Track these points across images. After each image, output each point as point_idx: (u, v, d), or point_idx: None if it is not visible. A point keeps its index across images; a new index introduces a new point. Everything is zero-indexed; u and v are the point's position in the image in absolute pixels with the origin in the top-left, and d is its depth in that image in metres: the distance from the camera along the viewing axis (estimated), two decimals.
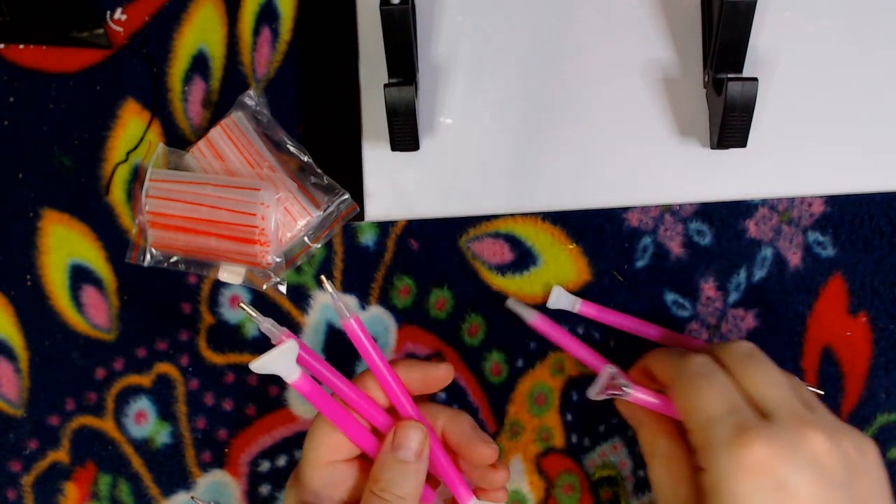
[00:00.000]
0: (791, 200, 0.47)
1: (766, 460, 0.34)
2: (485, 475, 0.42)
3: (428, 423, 0.42)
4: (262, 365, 0.37)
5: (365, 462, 0.42)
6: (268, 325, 0.39)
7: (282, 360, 0.37)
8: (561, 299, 0.47)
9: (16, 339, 0.51)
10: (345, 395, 0.40)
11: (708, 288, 0.47)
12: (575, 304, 0.47)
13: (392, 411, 0.41)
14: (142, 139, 0.50)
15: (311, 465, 0.40)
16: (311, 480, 0.40)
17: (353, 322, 0.40)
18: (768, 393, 0.38)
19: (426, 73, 0.49)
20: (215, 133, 0.48)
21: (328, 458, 0.40)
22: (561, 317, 0.48)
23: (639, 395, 0.40)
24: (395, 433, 0.40)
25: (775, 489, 0.34)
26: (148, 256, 0.48)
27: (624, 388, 0.40)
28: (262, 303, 0.49)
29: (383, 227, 0.49)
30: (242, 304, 0.39)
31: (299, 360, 0.38)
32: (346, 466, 0.41)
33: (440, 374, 0.42)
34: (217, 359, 0.50)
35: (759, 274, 0.47)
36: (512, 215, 0.48)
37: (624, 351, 0.48)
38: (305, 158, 0.49)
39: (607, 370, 0.40)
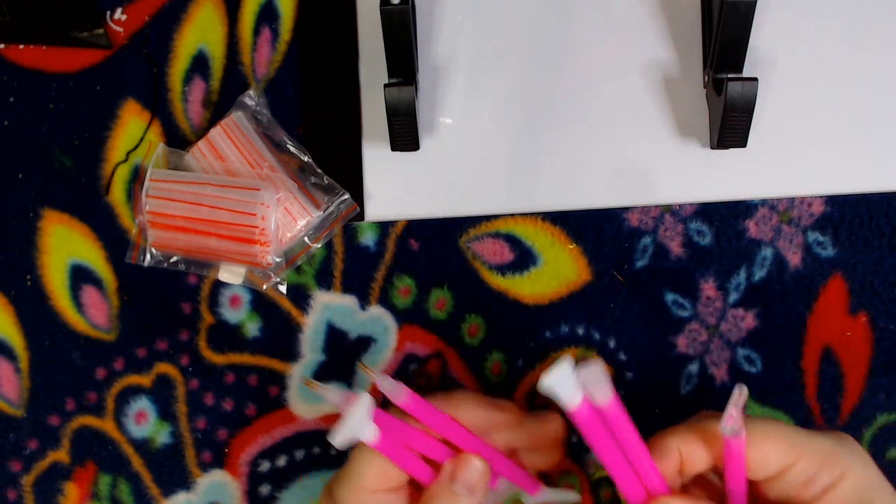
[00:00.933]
0: (791, 200, 0.47)
1: None
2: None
3: (491, 437, 0.40)
4: (343, 438, 0.35)
5: (412, 488, 0.41)
6: (332, 395, 0.37)
7: (360, 425, 0.36)
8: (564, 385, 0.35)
9: (16, 339, 0.51)
10: (402, 436, 0.39)
11: (708, 288, 0.47)
12: (575, 398, 0.35)
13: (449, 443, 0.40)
14: (142, 139, 0.50)
15: (352, 490, 0.39)
16: None
17: (406, 397, 0.38)
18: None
19: (426, 73, 0.49)
20: (215, 133, 0.48)
21: (372, 487, 0.39)
22: (563, 315, 0.48)
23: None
24: (456, 465, 0.39)
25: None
26: (148, 256, 0.48)
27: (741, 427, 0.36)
28: (262, 303, 0.49)
29: (383, 227, 0.49)
30: (308, 381, 0.37)
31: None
32: (389, 495, 0.40)
33: (505, 420, 0.41)
34: (217, 359, 0.50)
35: (759, 274, 0.47)
36: (512, 215, 0.48)
37: (626, 355, 0.48)
38: (305, 158, 0.49)
39: (739, 399, 0.35)
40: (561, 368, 0.34)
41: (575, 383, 0.34)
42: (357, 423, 0.36)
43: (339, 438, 0.35)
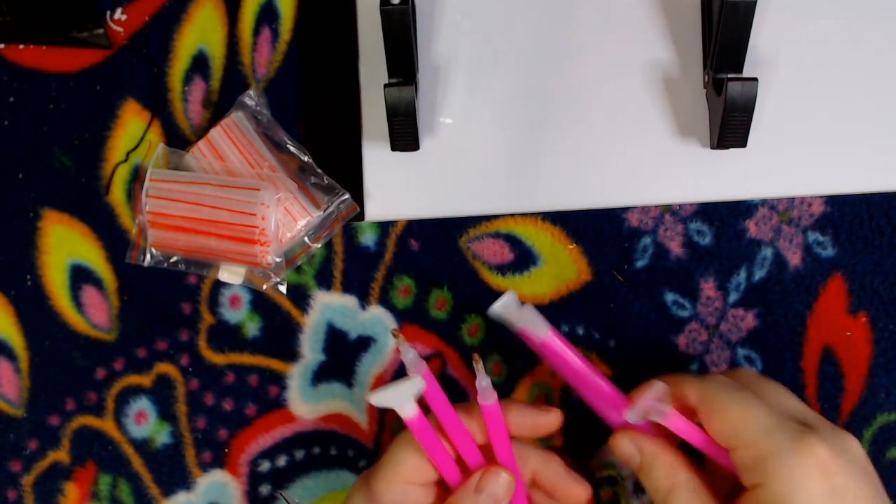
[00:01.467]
0: (791, 200, 0.47)
1: (827, 463, 0.35)
2: None
3: (518, 465, 0.41)
4: (382, 399, 0.36)
5: (440, 488, 0.41)
6: (412, 357, 0.38)
7: (403, 396, 0.37)
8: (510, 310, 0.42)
9: (16, 339, 0.51)
10: (446, 424, 0.39)
11: (708, 288, 0.47)
12: (518, 323, 0.42)
13: (487, 448, 0.40)
14: (142, 139, 0.50)
15: (387, 479, 0.40)
16: (382, 494, 0.40)
17: (493, 400, 0.39)
18: (795, 406, 0.39)
19: (426, 73, 0.49)
20: (215, 133, 0.48)
21: (406, 479, 0.40)
22: (563, 315, 0.48)
23: (678, 419, 0.38)
24: (483, 476, 0.39)
25: (832, 493, 0.35)
26: (148, 256, 0.48)
27: (663, 409, 0.38)
28: (262, 303, 0.49)
29: (383, 227, 0.49)
30: (395, 331, 0.38)
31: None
32: (420, 489, 0.40)
33: (549, 421, 0.41)
34: (217, 359, 0.50)
35: (759, 274, 0.47)
36: (512, 215, 0.48)
37: (626, 355, 0.48)
38: (305, 158, 0.49)
39: (658, 385, 0.39)
40: (506, 298, 0.41)
41: (519, 311, 0.41)
42: (402, 395, 0.37)
43: (377, 398, 0.37)
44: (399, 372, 0.49)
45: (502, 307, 0.41)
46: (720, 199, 0.47)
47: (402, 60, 0.45)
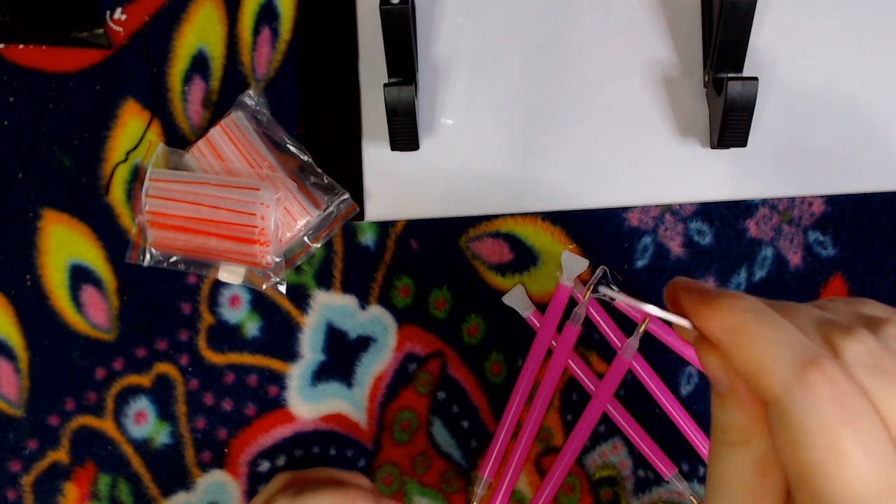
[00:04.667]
0: (791, 200, 0.47)
1: (841, 392, 0.25)
2: None
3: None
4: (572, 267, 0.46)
5: None
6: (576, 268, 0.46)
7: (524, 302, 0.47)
8: (518, 300, 0.48)
9: (16, 339, 0.51)
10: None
11: None
12: (527, 311, 0.48)
13: None
14: (142, 139, 0.50)
15: None
16: None
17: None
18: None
19: (426, 73, 0.49)
20: (215, 133, 0.48)
21: None
22: (563, 315, 0.48)
23: (626, 301, 0.33)
24: None
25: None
26: (148, 256, 0.48)
27: (610, 294, 0.35)
28: (262, 303, 0.49)
29: (383, 227, 0.49)
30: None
31: None
32: None
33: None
34: (217, 359, 0.50)
35: (759, 274, 0.47)
36: (512, 215, 0.48)
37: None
38: (305, 158, 0.49)
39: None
40: (515, 290, 0.48)
41: (526, 300, 0.48)
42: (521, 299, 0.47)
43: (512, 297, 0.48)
44: (398, 373, 0.49)
45: (512, 300, 0.48)
46: (720, 199, 0.47)
47: (402, 60, 0.45)
